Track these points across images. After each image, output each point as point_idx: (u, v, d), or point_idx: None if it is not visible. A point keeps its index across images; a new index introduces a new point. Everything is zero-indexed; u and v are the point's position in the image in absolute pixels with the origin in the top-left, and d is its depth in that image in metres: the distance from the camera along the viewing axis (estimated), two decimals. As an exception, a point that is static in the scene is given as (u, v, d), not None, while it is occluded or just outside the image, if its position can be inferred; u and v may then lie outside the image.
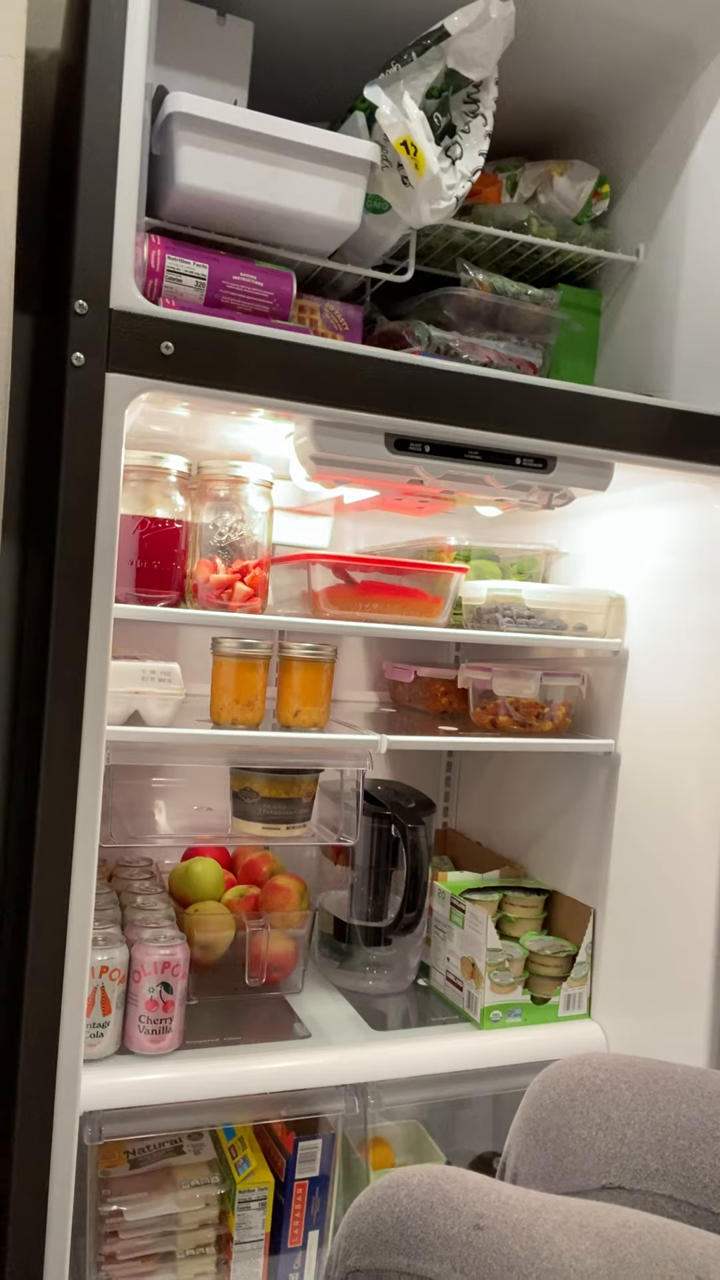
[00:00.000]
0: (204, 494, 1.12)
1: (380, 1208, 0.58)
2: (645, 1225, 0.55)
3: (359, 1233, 0.58)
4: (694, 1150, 0.68)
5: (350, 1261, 0.57)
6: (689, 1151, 0.68)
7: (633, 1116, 0.71)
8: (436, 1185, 0.57)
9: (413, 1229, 0.55)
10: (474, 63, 1.08)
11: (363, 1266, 0.56)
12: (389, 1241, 0.55)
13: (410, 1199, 0.57)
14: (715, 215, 1.17)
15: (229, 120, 0.95)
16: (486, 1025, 1.23)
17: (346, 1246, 0.58)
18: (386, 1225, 0.56)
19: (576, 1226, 0.54)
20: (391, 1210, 0.57)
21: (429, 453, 0.96)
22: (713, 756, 1.12)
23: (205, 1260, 1.08)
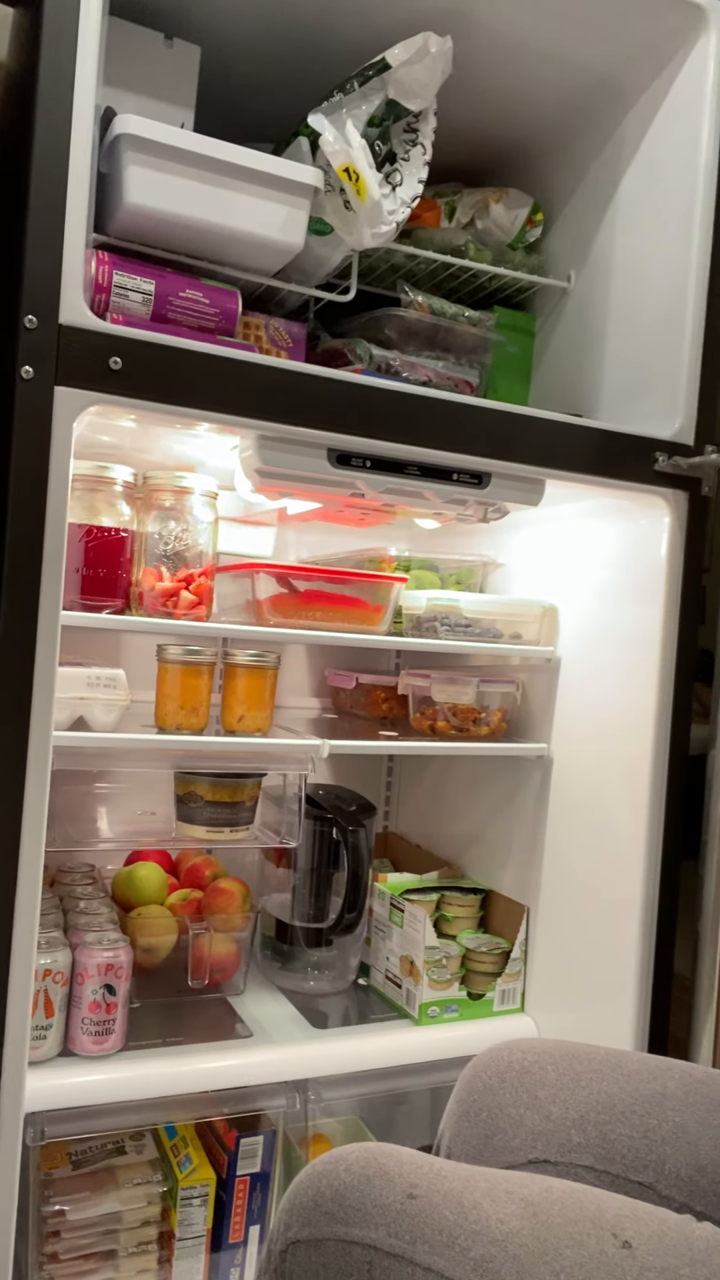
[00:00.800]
0: (149, 503, 1.14)
1: (319, 1182, 0.61)
2: (566, 1190, 0.59)
3: (299, 1206, 0.61)
4: (613, 1124, 0.72)
5: (290, 1234, 0.60)
6: (608, 1125, 0.72)
7: (558, 1095, 0.75)
8: (373, 1160, 0.61)
9: (350, 1200, 0.58)
10: (413, 94, 1.12)
11: (303, 1237, 0.59)
12: (328, 1212, 0.59)
13: (348, 1173, 0.60)
14: (641, 247, 1.23)
15: (176, 143, 0.98)
16: (424, 1021, 1.26)
17: (287, 1220, 0.61)
18: (325, 1198, 0.59)
19: (503, 1193, 0.58)
20: (330, 1184, 0.60)
21: (370, 468, 1.00)
22: (638, 759, 1.18)
23: (147, 1257, 1.10)
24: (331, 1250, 0.57)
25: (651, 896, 1.16)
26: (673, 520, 1.15)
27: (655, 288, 1.20)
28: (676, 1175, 0.69)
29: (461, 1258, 0.53)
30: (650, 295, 1.21)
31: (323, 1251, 0.58)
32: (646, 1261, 0.52)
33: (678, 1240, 0.54)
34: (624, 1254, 0.52)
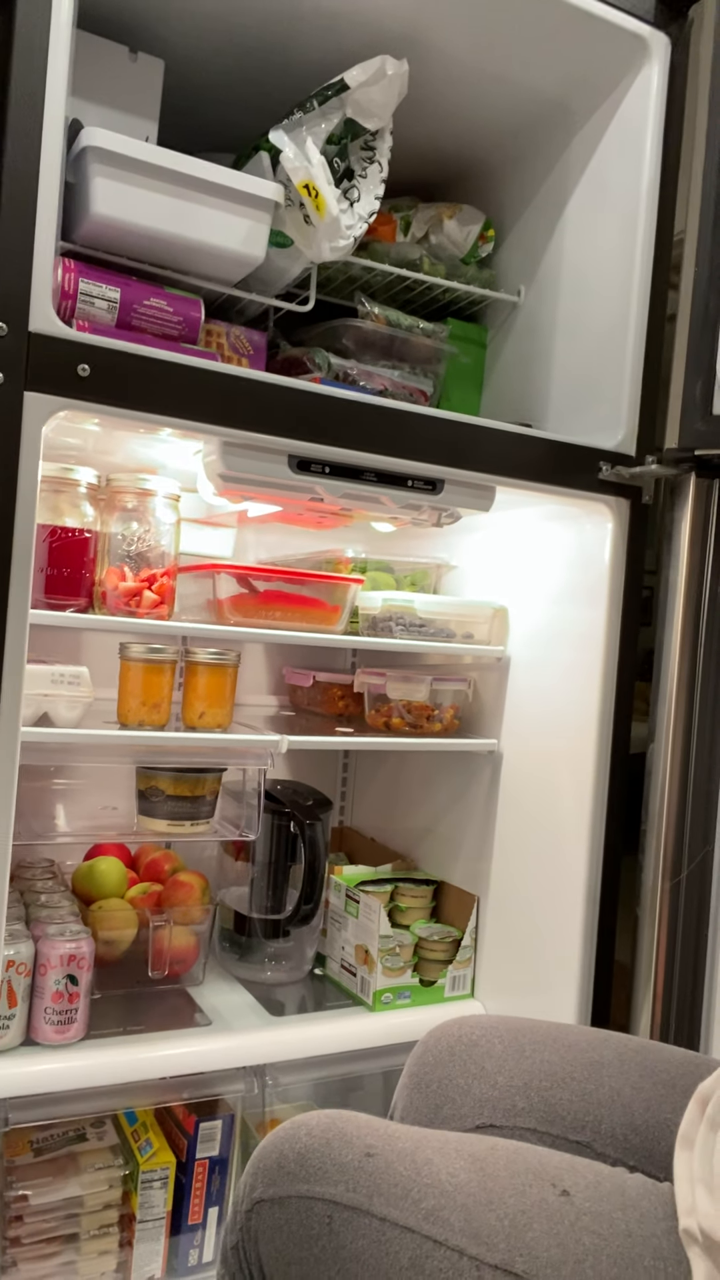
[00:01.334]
0: (113, 505, 1.17)
1: (283, 1145, 0.65)
2: (510, 1148, 0.64)
3: (264, 1168, 0.65)
4: (554, 1090, 0.77)
5: (255, 1194, 0.64)
6: (550, 1091, 0.77)
7: (503, 1065, 0.79)
8: (332, 1124, 0.65)
9: (311, 1160, 0.62)
10: (371, 114, 1.17)
11: (267, 1196, 0.63)
12: (290, 1172, 0.63)
13: (309, 1136, 0.64)
14: (587, 264, 1.29)
15: (142, 156, 1.01)
16: (378, 1007, 1.31)
17: (252, 1181, 0.65)
18: (288, 1159, 0.63)
19: (452, 1151, 0.62)
20: (293, 1146, 0.64)
21: (329, 473, 1.04)
22: (583, 755, 1.24)
23: (109, 1239, 1.13)
24: (294, 1207, 0.61)
25: (594, 887, 1.22)
26: (616, 526, 1.21)
27: (600, 304, 1.26)
28: (612, 1134, 0.74)
29: (414, 1208, 0.58)
30: (595, 311, 1.27)
31: (286, 1208, 0.62)
32: (583, 1207, 0.57)
33: (611, 1189, 0.59)
34: (563, 1200, 0.57)
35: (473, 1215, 0.56)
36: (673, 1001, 1.16)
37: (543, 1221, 0.56)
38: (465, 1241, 0.55)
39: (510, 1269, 0.53)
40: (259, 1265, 0.63)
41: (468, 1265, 0.54)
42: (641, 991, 1.25)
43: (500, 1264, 0.54)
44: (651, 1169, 0.69)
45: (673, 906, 1.15)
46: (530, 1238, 0.55)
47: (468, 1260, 0.54)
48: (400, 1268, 0.56)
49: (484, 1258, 0.54)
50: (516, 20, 1.15)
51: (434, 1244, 0.56)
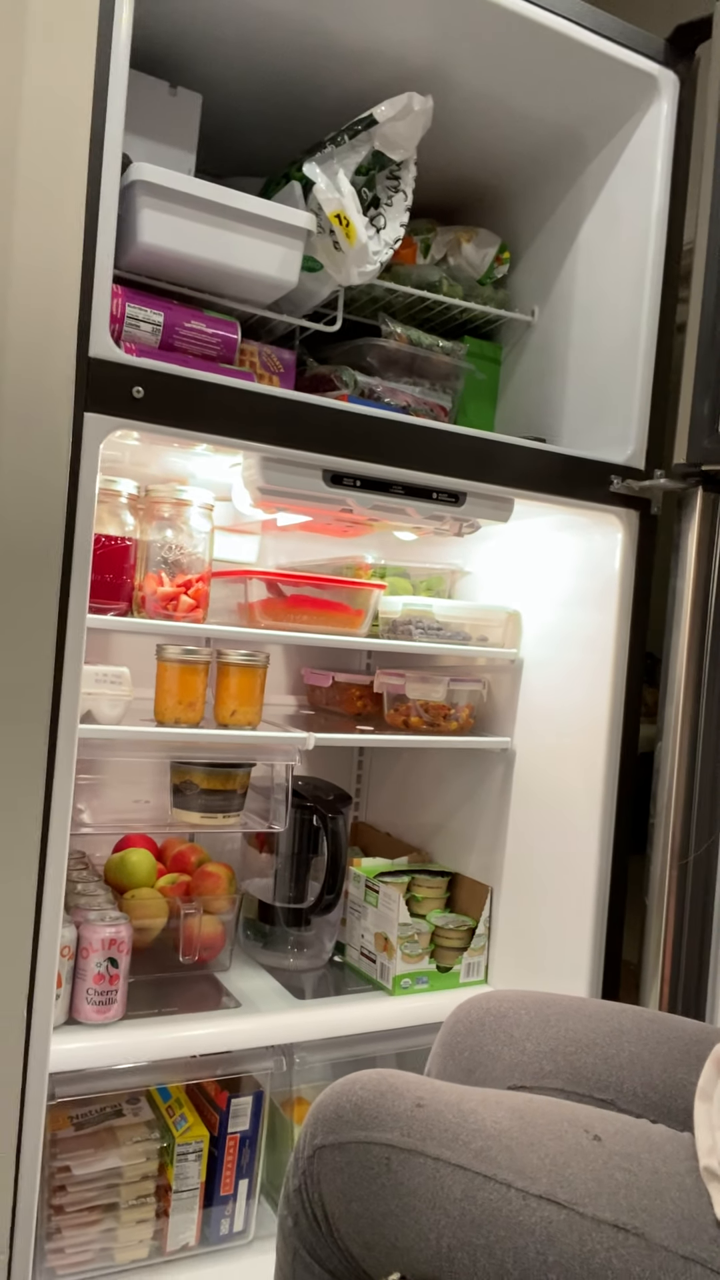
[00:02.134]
0: (151, 514, 1.23)
1: (340, 1098, 0.72)
2: (545, 1100, 0.71)
3: (323, 1119, 0.71)
4: (579, 1055, 0.84)
5: (317, 1140, 0.71)
6: (575, 1056, 0.84)
7: (530, 1033, 0.86)
8: (384, 1079, 0.72)
9: (367, 1110, 0.69)
10: (397, 146, 1.24)
11: (328, 1143, 0.70)
12: (349, 1121, 0.70)
13: (364, 1090, 0.71)
14: (599, 287, 1.36)
15: (187, 189, 1.08)
16: (397, 992, 1.38)
17: (313, 1130, 0.72)
18: (346, 1109, 0.70)
19: (493, 1103, 0.69)
20: (349, 1099, 0.71)
21: (360, 487, 1.11)
22: (594, 752, 1.31)
23: (146, 1209, 1.19)
24: (354, 1151, 0.68)
25: (604, 881, 1.29)
26: (625, 536, 1.28)
27: (611, 325, 1.33)
28: (633, 1093, 0.81)
29: (464, 1149, 0.64)
30: (607, 331, 1.34)
31: (346, 1152, 0.69)
32: (614, 1149, 0.64)
33: (638, 1134, 0.66)
34: (595, 1144, 0.64)
35: (516, 1155, 0.63)
36: (679, 991, 1.22)
37: (579, 1160, 0.63)
38: (512, 1176, 0.62)
39: (553, 1198, 0.60)
40: (321, 1204, 0.70)
41: (515, 1195, 0.61)
42: (649, 981, 1.31)
43: (544, 1194, 0.60)
44: (670, 1123, 0.76)
45: (679, 899, 1.22)
46: (569, 1173, 0.62)
47: (515, 1191, 0.61)
48: (454, 1199, 0.63)
49: (529, 1189, 0.61)
50: (533, 58, 1.22)
51: (484, 1179, 0.63)
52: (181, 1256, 1.22)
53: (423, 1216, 0.63)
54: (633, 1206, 0.59)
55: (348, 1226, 0.68)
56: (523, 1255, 0.59)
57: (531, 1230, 0.59)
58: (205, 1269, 1.21)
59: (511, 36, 1.18)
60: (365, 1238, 0.67)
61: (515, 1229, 0.60)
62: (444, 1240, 0.62)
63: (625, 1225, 0.58)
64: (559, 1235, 0.58)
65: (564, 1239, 0.58)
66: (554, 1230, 0.59)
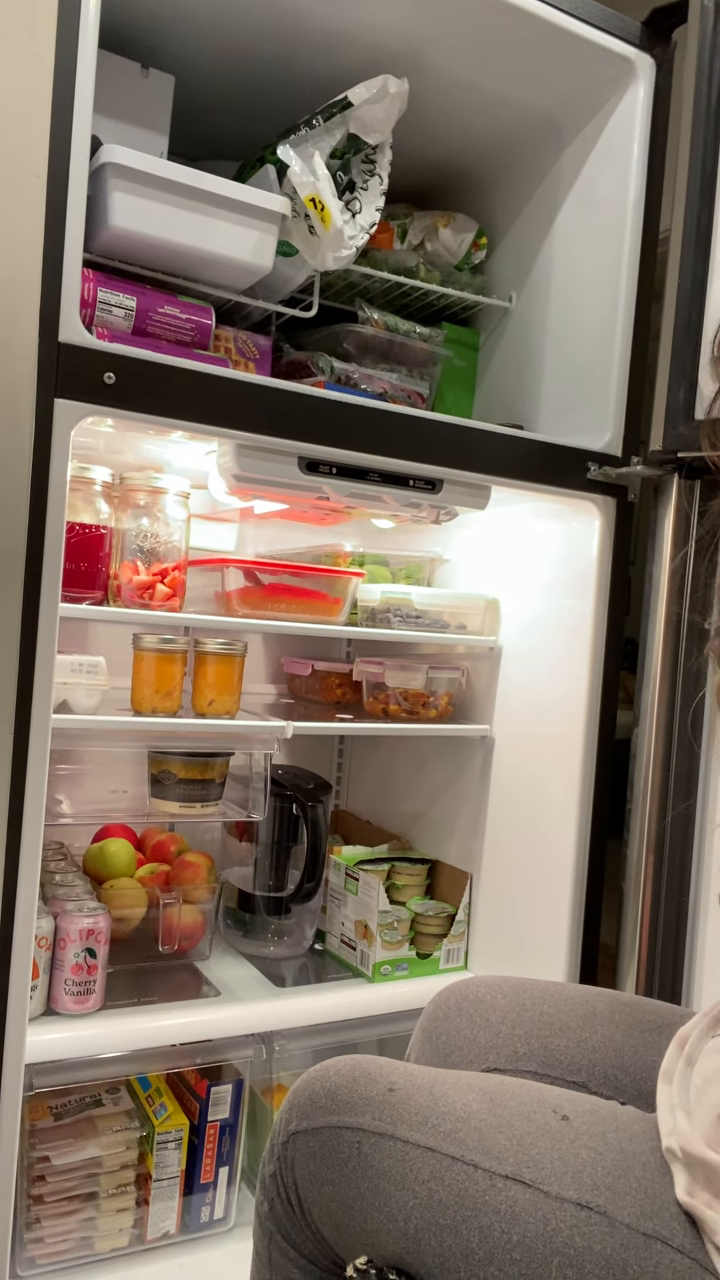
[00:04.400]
0: (126, 502, 1.22)
1: (314, 1084, 0.72)
2: (515, 1083, 0.71)
3: (298, 1104, 0.72)
4: (552, 1037, 0.84)
5: (291, 1126, 0.71)
6: (548, 1038, 0.84)
7: (505, 1017, 0.87)
8: (358, 1064, 0.72)
9: (341, 1095, 0.70)
10: (372, 129, 1.23)
11: (302, 1128, 0.70)
12: (322, 1106, 0.70)
13: (338, 1075, 0.72)
14: (576, 273, 1.36)
15: (158, 172, 1.07)
16: (378, 979, 1.38)
17: (288, 1116, 0.72)
18: (320, 1095, 0.71)
19: (465, 1086, 0.70)
20: (323, 1084, 0.72)
21: (336, 474, 1.11)
22: (571, 738, 1.31)
23: (126, 1198, 1.19)
24: (326, 1135, 0.69)
25: (581, 866, 1.30)
26: (603, 523, 1.28)
27: (588, 311, 1.33)
28: (605, 1075, 0.82)
29: (433, 1132, 0.65)
30: (584, 317, 1.34)
31: (319, 1137, 0.69)
32: (581, 1128, 0.64)
33: (605, 1115, 0.67)
34: (563, 1124, 0.64)
35: (485, 1136, 0.64)
36: (655, 973, 1.23)
37: (546, 1140, 0.63)
38: (479, 1157, 0.63)
39: (519, 1178, 0.61)
40: (295, 1188, 0.71)
41: (481, 1176, 0.61)
42: (626, 963, 1.33)
43: (510, 1174, 0.61)
44: (640, 1104, 0.77)
45: (655, 884, 1.23)
46: (535, 1153, 0.62)
47: (481, 1172, 0.62)
48: (422, 1180, 0.63)
49: (495, 1169, 0.62)
50: (510, 41, 1.21)
51: (451, 1160, 0.63)
52: (162, 1244, 1.22)
53: (391, 1199, 0.64)
54: (597, 1185, 0.60)
55: (320, 1210, 0.69)
56: (488, 1234, 0.59)
57: (497, 1209, 0.60)
58: (186, 1256, 1.21)
59: (487, 19, 1.17)
60: (336, 1220, 0.68)
61: (481, 1208, 0.60)
62: (411, 1221, 0.62)
63: (589, 1204, 0.59)
64: (524, 1214, 0.59)
65: (529, 1218, 0.59)
66: (519, 1209, 0.60)
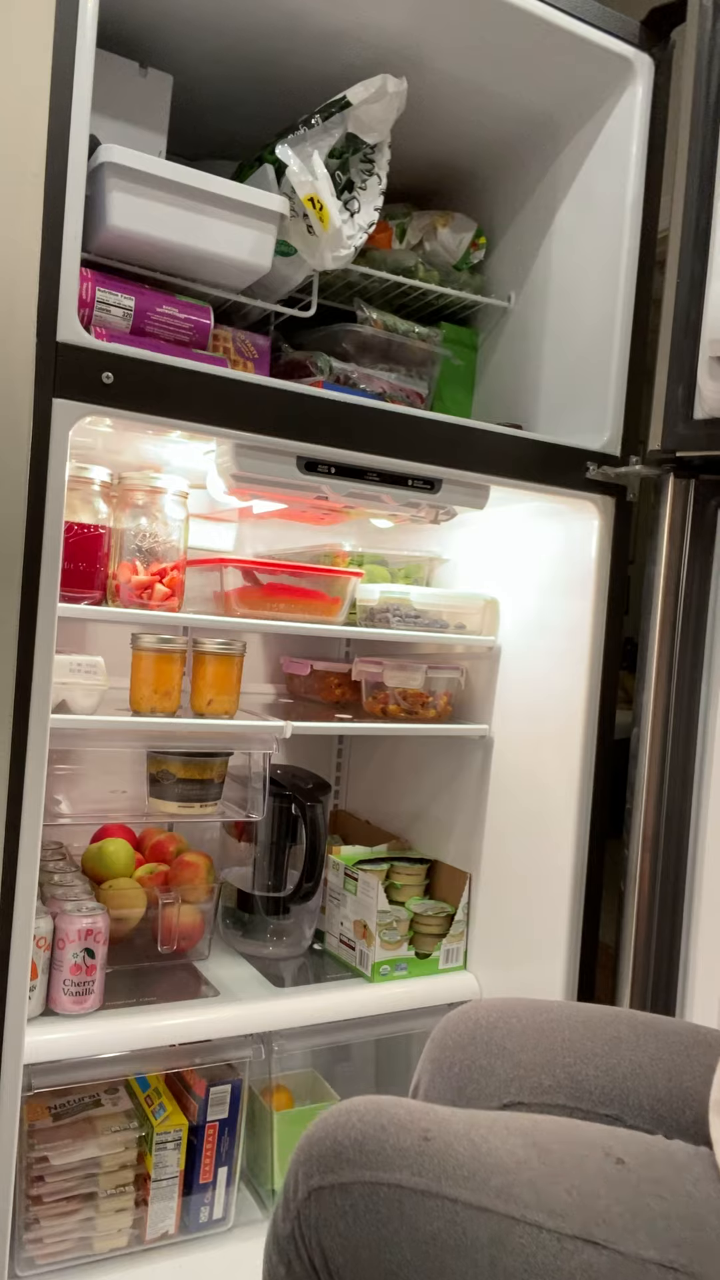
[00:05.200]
0: (125, 502, 1.22)
1: (335, 1132, 0.65)
2: (553, 1121, 0.68)
3: (317, 1155, 0.65)
4: (578, 1066, 0.79)
5: (313, 1181, 0.64)
6: (574, 1068, 0.79)
7: (524, 1044, 0.81)
8: (382, 1110, 0.66)
9: (370, 1146, 0.63)
10: (371, 129, 1.23)
11: (327, 1184, 0.63)
12: (349, 1159, 0.63)
13: (363, 1122, 0.65)
14: (574, 273, 1.35)
15: (156, 171, 1.07)
16: (377, 978, 1.38)
17: (306, 1169, 0.65)
18: (344, 1146, 0.64)
19: (503, 1129, 0.65)
20: (347, 1134, 0.64)
21: (334, 474, 1.10)
22: (570, 739, 1.31)
23: (125, 1198, 1.19)
24: (358, 1193, 0.62)
25: (580, 866, 1.29)
26: (601, 523, 1.28)
27: (587, 311, 1.33)
28: (639, 1106, 0.76)
29: (483, 1187, 0.60)
30: (582, 317, 1.34)
31: (349, 1194, 0.62)
32: (641, 1173, 0.60)
33: (660, 1154, 0.63)
34: (620, 1168, 0.60)
35: (541, 1190, 0.59)
36: (649, 973, 1.23)
37: (606, 1189, 0.59)
38: (541, 1216, 0.58)
39: (590, 1238, 0.56)
40: (320, 1252, 0.64)
41: (549, 1238, 0.57)
42: (624, 963, 1.32)
43: (579, 1234, 0.57)
44: (683, 1137, 0.71)
45: (652, 883, 1.22)
46: (601, 1206, 0.58)
47: (547, 1234, 0.57)
48: (481, 1245, 0.58)
49: (563, 1229, 0.57)
50: (508, 40, 1.21)
51: (511, 1220, 0.58)
52: (161, 1244, 1.22)
53: (447, 1267, 0.58)
54: (676, 1241, 0.56)
55: (354, 1277, 0.62)
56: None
57: (572, 1277, 0.56)
58: (185, 1256, 1.21)
59: (486, 18, 1.17)
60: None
61: (554, 1275, 0.56)
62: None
63: (673, 1263, 0.54)
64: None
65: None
66: (597, 1275, 0.55)
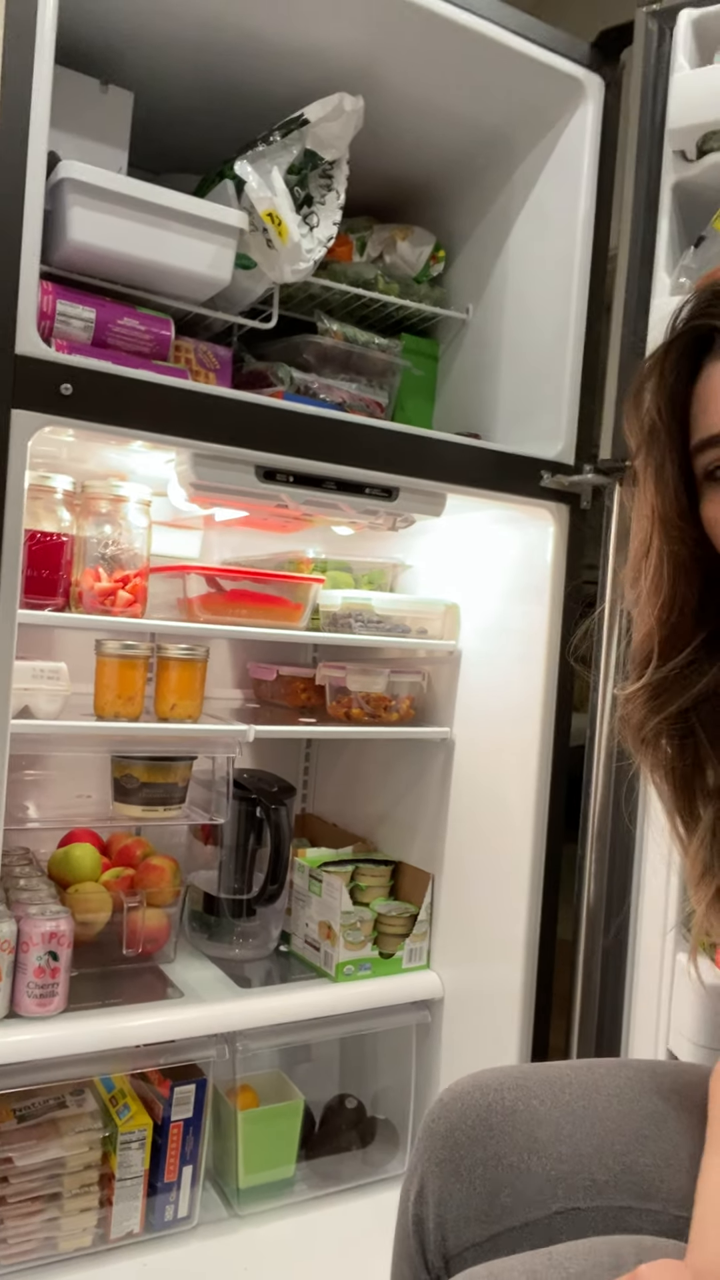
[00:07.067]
0: (88, 510, 1.24)
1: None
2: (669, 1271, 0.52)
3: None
4: (632, 1154, 0.66)
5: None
6: (628, 1156, 0.66)
7: (559, 1132, 0.68)
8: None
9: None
10: (329, 145, 1.26)
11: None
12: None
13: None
14: (530, 286, 1.39)
15: (116, 188, 1.09)
16: (340, 978, 1.40)
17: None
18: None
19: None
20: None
21: (293, 482, 1.13)
22: (529, 740, 1.34)
23: (89, 1197, 1.21)
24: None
25: (538, 867, 1.32)
26: (556, 530, 1.31)
27: (542, 323, 1.36)
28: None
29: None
30: (538, 330, 1.37)
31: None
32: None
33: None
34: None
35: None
36: (594, 971, 1.25)
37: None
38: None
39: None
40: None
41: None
42: (581, 971, 1.34)
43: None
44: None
45: (599, 884, 1.24)
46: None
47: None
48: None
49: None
50: (461, 60, 1.24)
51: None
52: (126, 1243, 1.23)
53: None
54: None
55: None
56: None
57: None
58: (150, 1255, 1.23)
59: (439, 39, 1.20)
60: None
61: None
62: None
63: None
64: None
65: None
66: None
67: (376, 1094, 1.56)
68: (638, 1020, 1.19)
